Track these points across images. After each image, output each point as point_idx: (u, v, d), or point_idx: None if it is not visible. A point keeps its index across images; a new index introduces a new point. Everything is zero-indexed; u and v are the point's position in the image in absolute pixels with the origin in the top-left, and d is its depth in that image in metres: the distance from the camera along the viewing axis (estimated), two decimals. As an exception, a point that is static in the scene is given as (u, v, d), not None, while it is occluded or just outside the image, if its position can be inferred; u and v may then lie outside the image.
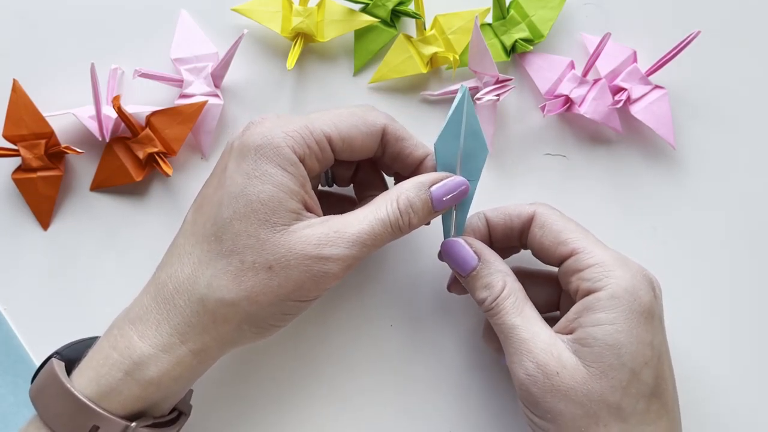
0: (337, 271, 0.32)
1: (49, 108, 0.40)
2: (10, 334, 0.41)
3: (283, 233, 0.31)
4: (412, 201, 0.33)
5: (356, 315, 0.41)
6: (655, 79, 0.41)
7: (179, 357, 0.32)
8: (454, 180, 0.34)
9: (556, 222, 0.35)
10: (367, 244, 0.32)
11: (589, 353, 0.32)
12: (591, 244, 0.34)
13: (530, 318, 0.33)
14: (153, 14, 0.43)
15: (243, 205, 0.31)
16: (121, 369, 0.32)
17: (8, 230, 0.42)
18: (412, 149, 0.36)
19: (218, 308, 0.32)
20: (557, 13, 0.42)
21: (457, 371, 0.41)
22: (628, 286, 0.32)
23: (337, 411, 0.40)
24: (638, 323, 0.32)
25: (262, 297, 0.31)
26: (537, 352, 0.32)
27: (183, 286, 0.32)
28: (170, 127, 0.40)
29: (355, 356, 0.41)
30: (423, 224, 0.34)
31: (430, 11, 0.42)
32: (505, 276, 0.34)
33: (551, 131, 0.42)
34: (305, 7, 0.41)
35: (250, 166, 0.32)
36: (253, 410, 0.40)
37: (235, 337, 0.33)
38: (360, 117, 0.35)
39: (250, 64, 0.43)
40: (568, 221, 0.35)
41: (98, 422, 0.31)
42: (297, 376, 0.41)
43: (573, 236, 0.34)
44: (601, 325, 0.32)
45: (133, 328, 0.32)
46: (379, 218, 0.33)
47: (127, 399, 0.32)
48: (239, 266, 0.31)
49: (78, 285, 0.41)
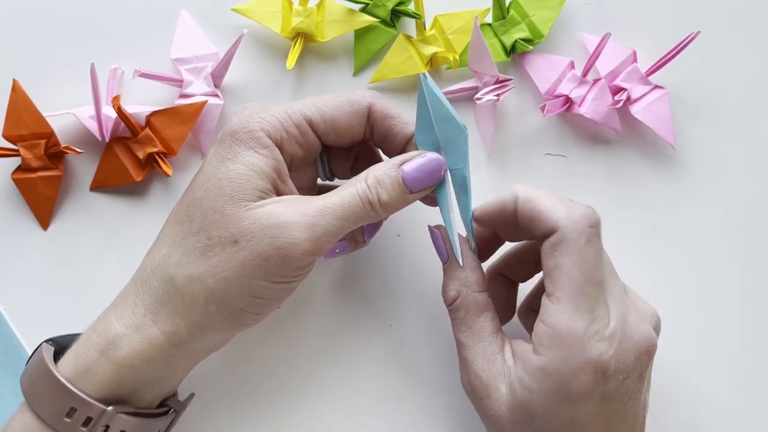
0: (303, 241, 0.31)
1: (49, 108, 0.40)
2: (10, 334, 0.41)
3: (248, 208, 0.31)
4: (379, 177, 0.32)
5: (356, 315, 0.41)
6: (655, 79, 0.41)
7: (150, 337, 0.32)
8: (425, 157, 0.33)
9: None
10: (336, 215, 0.31)
11: (512, 398, 0.31)
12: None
13: (477, 335, 0.33)
14: (153, 14, 0.43)
15: (212, 184, 0.32)
16: (97, 349, 0.32)
17: (8, 230, 0.42)
18: (401, 127, 0.35)
19: (186, 285, 0.31)
20: (557, 13, 0.42)
21: (457, 371, 0.41)
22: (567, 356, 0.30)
23: (337, 411, 0.40)
24: (559, 403, 0.30)
25: (229, 272, 0.31)
26: (471, 373, 0.33)
27: (158, 266, 0.32)
28: (170, 127, 0.40)
29: (355, 356, 0.41)
30: (399, 206, 0.33)
31: (430, 11, 0.42)
32: (461, 287, 0.33)
33: (551, 131, 0.42)
34: (305, 7, 0.41)
35: (224, 150, 0.32)
36: (252, 410, 0.40)
37: (204, 319, 0.32)
38: (344, 97, 0.34)
39: (250, 64, 0.43)
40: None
41: (75, 404, 0.31)
42: (296, 376, 0.41)
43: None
44: (523, 383, 0.31)
45: (113, 311, 0.33)
46: (349, 191, 0.32)
47: (102, 380, 0.32)
48: (207, 242, 0.31)
49: (78, 285, 0.41)
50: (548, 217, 0.31)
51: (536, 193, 0.32)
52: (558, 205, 0.31)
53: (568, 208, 0.31)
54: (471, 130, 0.42)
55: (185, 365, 0.34)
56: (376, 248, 0.41)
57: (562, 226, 0.30)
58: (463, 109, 0.42)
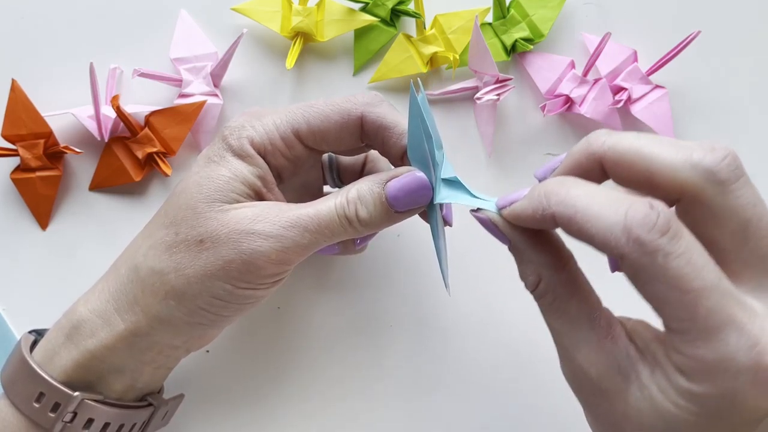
0: (268, 250, 0.30)
1: (48, 108, 0.40)
2: (10, 334, 0.41)
3: (220, 210, 0.31)
4: (362, 193, 0.30)
5: (356, 315, 0.41)
6: (656, 79, 0.41)
7: (111, 323, 0.32)
8: (410, 176, 0.30)
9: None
10: (309, 228, 0.30)
11: (651, 409, 0.24)
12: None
13: (575, 321, 0.26)
14: (152, 14, 0.42)
15: (193, 182, 0.32)
16: (63, 333, 0.32)
17: (7, 230, 0.41)
18: (395, 139, 0.32)
19: (148, 277, 0.31)
20: (557, 12, 0.42)
21: (458, 372, 0.41)
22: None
23: (336, 411, 0.40)
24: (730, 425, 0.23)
25: (190, 270, 0.31)
26: (576, 365, 0.26)
27: (129, 254, 0.33)
28: (169, 127, 0.40)
29: (354, 356, 0.41)
30: (382, 224, 0.31)
31: (430, 11, 0.42)
32: (540, 268, 0.27)
33: (551, 131, 0.42)
34: (305, 7, 0.41)
35: (213, 152, 0.32)
36: (251, 410, 0.40)
37: (163, 312, 0.31)
38: (335, 106, 0.32)
39: (249, 64, 0.42)
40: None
41: (43, 388, 0.31)
42: (295, 376, 0.41)
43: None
44: (668, 396, 0.24)
45: (84, 296, 0.33)
46: (325, 204, 0.31)
47: (67, 364, 0.32)
48: (174, 238, 0.31)
49: (77, 285, 0.41)
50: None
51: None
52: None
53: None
54: (471, 130, 0.42)
55: (154, 358, 0.33)
56: (376, 248, 0.41)
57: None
58: (464, 108, 0.42)
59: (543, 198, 0.25)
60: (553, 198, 0.25)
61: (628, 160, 0.25)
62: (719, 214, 0.24)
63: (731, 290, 0.23)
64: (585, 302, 0.27)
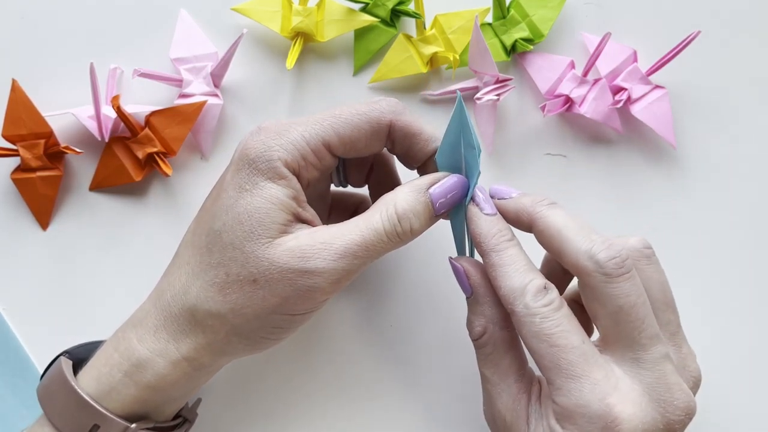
0: (324, 285, 0.31)
1: (48, 108, 0.40)
2: (10, 334, 0.41)
3: (268, 246, 0.31)
4: (411, 205, 0.32)
5: (356, 315, 0.41)
6: (656, 79, 0.41)
7: (175, 363, 0.32)
8: (453, 179, 0.32)
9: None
10: (358, 255, 0.31)
11: None
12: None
13: (504, 372, 0.32)
14: (152, 14, 0.43)
15: (231, 218, 0.31)
16: (120, 370, 0.32)
17: (7, 230, 0.41)
18: (422, 145, 0.33)
19: (206, 319, 0.32)
20: (557, 12, 0.42)
21: (457, 372, 0.41)
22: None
23: (336, 411, 0.40)
24: None
25: (247, 309, 0.31)
26: (495, 410, 0.32)
27: (178, 294, 0.32)
28: (170, 127, 0.40)
29: (354, 357, 0.41)
30: (424, 230, 0.33)
31: (430, 11, 0.42)
32: (488, 323, 0.32)
33: (551, 131, 0.42)
34: (305, 7, 0.41)
35: (243, 179, 0.31)
36: (251, 410, 0.40)
37: (226, 348, 0.32)
38: (363, 115, 0.33)
39: (249, 64, 0.42)
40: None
41: (99, 421, 0.32)
42: (295, 376, 0.41)
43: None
44: None
45: (134, 332, 0.33)
46: (371, 227, 0.31)
47: (125, 399, 0.32)
48: (225, 279, 0.31)
49: (77, 285, 0.41)
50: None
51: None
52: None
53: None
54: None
55: (205, 381, 0.35)
56: (376, 248, 0.41)
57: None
58: (463, 108, 0.42)
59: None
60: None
61: (549, 235, 0.31)
62: (600, 298, 0.30)
63: (592, 352, 0.29)
64: (516, 360, 0.32)
